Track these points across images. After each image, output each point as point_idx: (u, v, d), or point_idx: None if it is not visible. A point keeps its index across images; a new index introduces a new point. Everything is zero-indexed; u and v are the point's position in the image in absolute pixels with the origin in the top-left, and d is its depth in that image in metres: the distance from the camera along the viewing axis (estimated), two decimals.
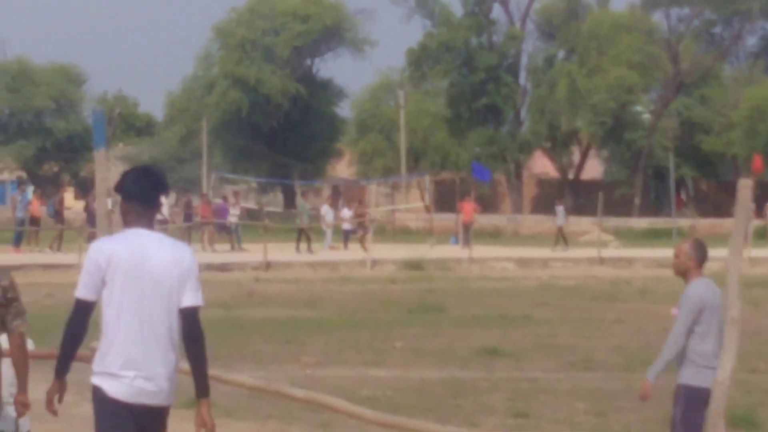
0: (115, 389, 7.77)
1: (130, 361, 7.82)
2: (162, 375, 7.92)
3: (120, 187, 7.95)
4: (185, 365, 8.23)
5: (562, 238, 51.40)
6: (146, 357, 7.90)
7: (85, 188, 71.94)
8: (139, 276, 7.81)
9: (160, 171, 8.19)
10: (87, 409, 9.25)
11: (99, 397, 7.78)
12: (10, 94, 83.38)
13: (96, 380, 7.75)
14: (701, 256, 10.89)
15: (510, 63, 79.88)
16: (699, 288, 10.47)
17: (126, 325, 7.76)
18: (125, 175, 7.99)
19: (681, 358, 10.26)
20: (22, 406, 8.42)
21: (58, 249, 42.94)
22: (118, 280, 7.72)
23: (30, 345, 8.90)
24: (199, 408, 7.91)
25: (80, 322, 7.73)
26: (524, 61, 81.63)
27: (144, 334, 7.87)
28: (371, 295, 32.81)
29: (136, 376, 7.83)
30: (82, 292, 7.73)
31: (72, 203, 66.02)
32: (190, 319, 7.97)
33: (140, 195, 7.87)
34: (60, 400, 7.84)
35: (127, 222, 7.93)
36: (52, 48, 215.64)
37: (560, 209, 51.71)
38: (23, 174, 79.65)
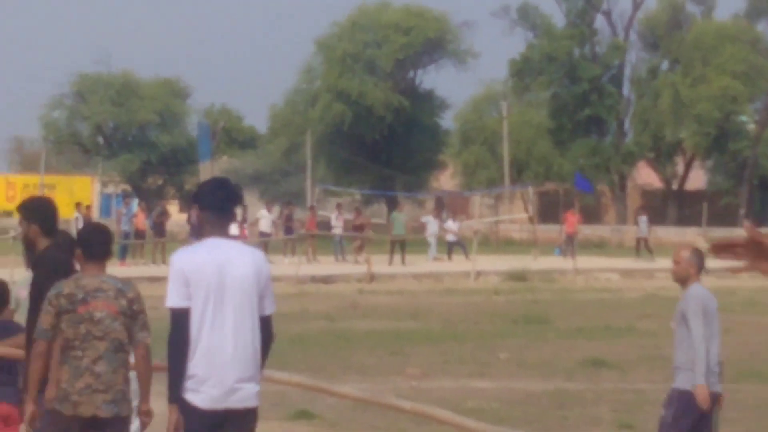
0: (198, 398, 8.05)
1: (214, 368, 8.04)
2: (246, 379, 8.14)
3: (197, 198, 8.29)
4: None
5: (646, 248, 51.29)
6: (230, 363, 8.11)
7: (189, 201, 71.12)
8: (223, 283, 8.04)
9: (234, 183, 8.51)
10: None
11: (184, 406, 8.06)
12: (115, 108, 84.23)
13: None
14: (700, 263, 11.08)
15: (613, 74, 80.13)
16: (700, 292, 10.73)
17: (209, 332, 8.02)
18: (201, 187, 8.49)
19: (679, 363, 10.54)
20: (146, 415, 8.67)
21: (163, 261, 43.48)
22: (203, 288, 7.97)
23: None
24: None
25: (182, 332, 8.03)
26: (627, 71, 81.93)
27: (228, 340, 8.09)
28: (475, 306, 32.90)
29: (219, 382, 8.05)
30: (174, 301, 7.99)
31: (177, 216, 68.03)
32: (267, 326, 8.26)
33: (216, 205, 8.15)
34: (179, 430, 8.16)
35: (204, 232, 8.31)
36: (156, 61, 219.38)
37: (642, 219, 51.64)
38: (128, 187, 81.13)
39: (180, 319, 8.13)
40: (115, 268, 39.63)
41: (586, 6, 79.93)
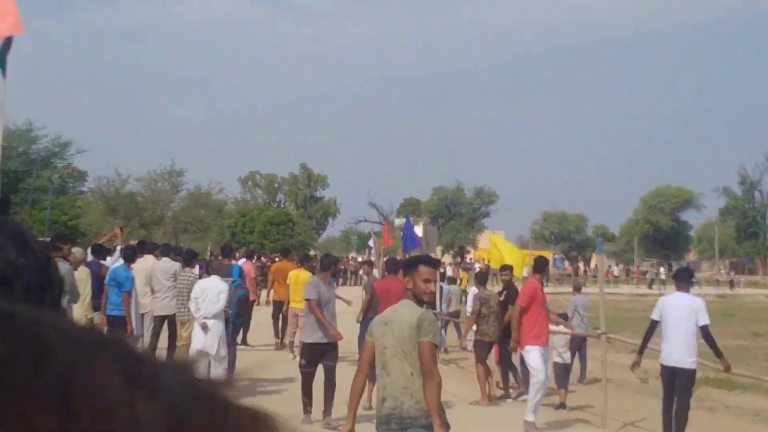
0: (661, 358, 10.39)
1: (669, 345, 10.23)
2: (686, 353, 10.22)
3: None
4: None
5: None
6: (676, 345, 10.06)
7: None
8: (677, 307, 10.24)
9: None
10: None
11: (661, 366, 10.41)
12: (557, 224, 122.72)
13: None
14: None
15: (762, 213, 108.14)
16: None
17: (670, 327, 10.29)
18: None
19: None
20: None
21: None
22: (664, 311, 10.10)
23: None
24: None
25: (653, 326, 10.77)
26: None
27: (679, 331, 10.21)
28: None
29: (672, 350, 10.09)
30: (656, 315, 10.22)
31: None
32: (706, 334, 9.96)
33: None
34: (634, 368, 10.91)
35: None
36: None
37: None
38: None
39: (652, 326, 10.53)
40: None
41: (750, 188, 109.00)
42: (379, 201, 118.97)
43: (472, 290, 21.78)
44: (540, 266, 12.78)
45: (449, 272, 65.19)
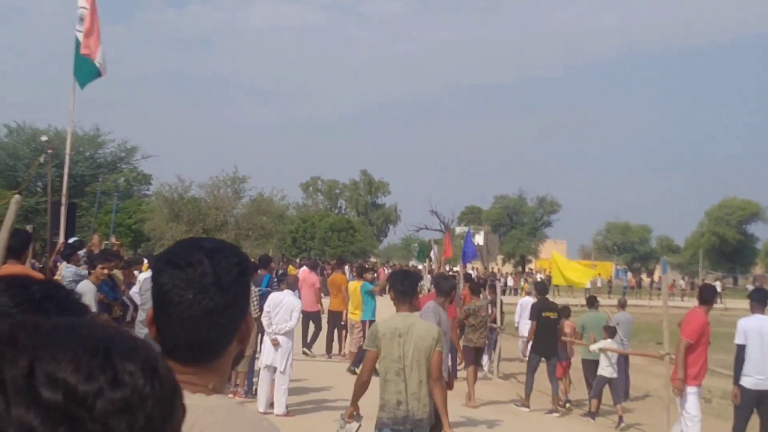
0: (747, 381, 10.02)
1: (756, 366, 9.78)
2: None
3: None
4: None
5: None
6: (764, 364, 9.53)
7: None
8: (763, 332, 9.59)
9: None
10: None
11: (741, 387, 9.80)
12: (620, 235, 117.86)
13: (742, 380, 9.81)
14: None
15: None
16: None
17: (757, 350, 9.74)
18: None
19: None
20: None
21: None
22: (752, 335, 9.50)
23: None
24: None
25: (741, 356, 10.21)
26: None
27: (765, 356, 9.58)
28: None
29: (764, 374, 9.87)
30: (741, 340, 9.82)
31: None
32: None
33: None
34: (735, 400, 9.98)
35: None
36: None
37: None
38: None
39: (740, 351, 10.11)
40: None
41: None
42: (440, 209, 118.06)
43: (521, 301, 22.50)
44: (708, 296, 11.59)
45: (510, 282, 67.52)
